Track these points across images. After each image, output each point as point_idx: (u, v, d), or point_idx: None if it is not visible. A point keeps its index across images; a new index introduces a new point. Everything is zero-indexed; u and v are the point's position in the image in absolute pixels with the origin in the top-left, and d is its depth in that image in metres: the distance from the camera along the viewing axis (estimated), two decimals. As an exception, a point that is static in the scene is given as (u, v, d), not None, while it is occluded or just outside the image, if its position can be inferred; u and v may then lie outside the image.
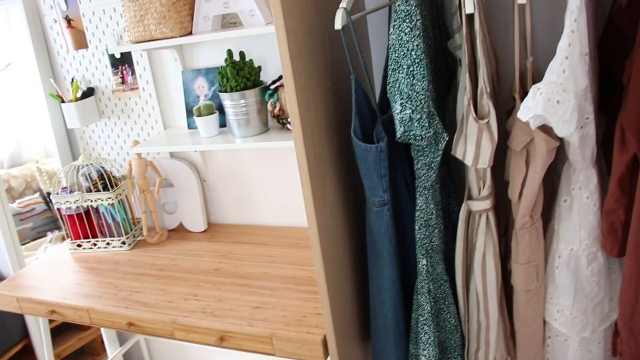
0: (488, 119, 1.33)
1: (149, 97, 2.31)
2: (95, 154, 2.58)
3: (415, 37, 1.24)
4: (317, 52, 1.41)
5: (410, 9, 1.24)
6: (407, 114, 1.28)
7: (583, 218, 1.43)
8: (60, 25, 2.40)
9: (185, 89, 2.17)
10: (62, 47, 2.45)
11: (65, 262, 2.33)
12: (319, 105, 1.43)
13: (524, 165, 1.40)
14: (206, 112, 2.00)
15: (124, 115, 2.42)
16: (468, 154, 1.36)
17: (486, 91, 1.32)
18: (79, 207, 2.33)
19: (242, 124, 1.90)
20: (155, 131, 2.37)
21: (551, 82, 1.18)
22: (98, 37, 2.33)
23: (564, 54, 1.18)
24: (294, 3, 1.30)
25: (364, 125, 1.41)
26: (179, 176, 2.34)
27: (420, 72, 1.25)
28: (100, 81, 2.41)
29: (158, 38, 1.91)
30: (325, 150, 1.47)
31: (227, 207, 2.39)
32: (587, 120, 1.33)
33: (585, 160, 1.39)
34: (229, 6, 1.81)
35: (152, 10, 1.87)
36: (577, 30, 1.19)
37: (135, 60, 2.28)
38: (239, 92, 1.85)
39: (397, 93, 1.28)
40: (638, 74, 1.23)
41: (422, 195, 1.44)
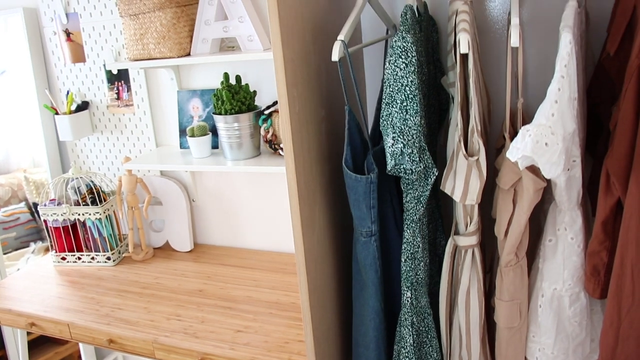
0: (478, 156, 1.35)
1: (143, 115, 2.33)
2: (85, 167, 2.57)
3: (410, 73, 1.26)
4: (312, 82, 1.43)
5: (406, 45, 1.26)
6: (398, 147, 1.30)
7: (567, 259, 1.45)
8: (60, 38, 2.42)
9: (180, 108, 2.18)
10: (59, 59, 2.46)
11: (48, 275, 2.32)
12: (312, 134, 1.44)
13: (511, 203, 1.42)
14: (199, 133, 2.01)
15: (116, 130, 2.42)
16: (457, 190, 1.38)
17: (477, 129, 1.34)
18: (65, 220, 2.32)
19: (234, 147, 1.91)
20: (147, 149, 2.37)
21: (540, 124, 1.20)
22: (96, 52, 2.34)
23: (553, 97, 1.21)
24: (293, 33, 1.33)
25: (355, 156, 1.43)
26: (168, 195, 2.34)
27: (413, 108, 1.27)
28: (95, 95, 2.42)
29: (156, 57, 1.92)
30: (315, 178, 1.48)
31: (215, 228, 2.39)
32: (574, 162, 1.36)
33: (571, 202, 1.41)
34: (228, 30, 1.84)
35: (152, 29, 1.89)
36: (567, 75, 1.22)
37: (132, 77, 2.30)
38: (233, 115, 1.86)
39: (389, 127, 1.30)
40: (624, 121, 1.26)
41: (410, 228, 1.45)
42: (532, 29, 1.69)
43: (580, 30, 1.43)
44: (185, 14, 1.90)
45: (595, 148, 1.58)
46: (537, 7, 1.67)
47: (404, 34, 1.27)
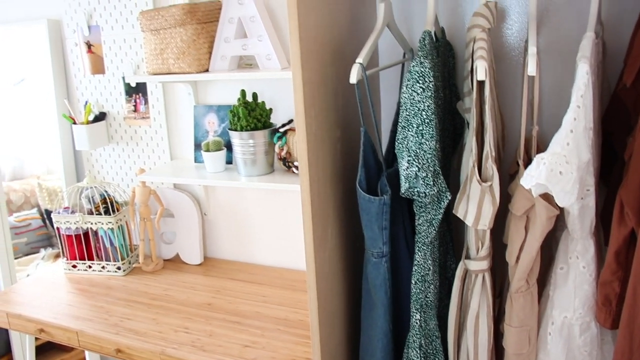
0: (491, 182, 1.35)
1: (159, 128, 2.35)
2: (100, 177, 2.60)
3: (426, 98, 1.28)
4: (329, 102, 1.45)
5: (424, 70, 1.28)
6: (413, 171, 1.31)
7: (578, 287, 1.45)
8: (81, 50, 2.46)
9: (196, 123, 2.21)
10: (79, 70, 2.50)
11: (58, 282, 2.34)
12: (327, 154, 1.46)
13: (524, 230, 1.43)
14: (214, 148, 2.03)
15: (132, 142, 2.45)
16: (469, 215, 1.39)
17: (491, 155, 1.35)
18: (78, 228, 2.34)
19: (248, 163, 1.93)
20: (162, 161, 2.40)
21: (555, 153, 1.21)
22: (116, 65, 2.38)
23: (569, 127, 1.22)
24: (312, 55, 1.35)
25: (369, 177, 1.44)
26: (181, 208, 2.36)
27: (429, 132, 1.29)
28: (112, 107, 2.45)
29: (175, 72, 1.95)
30: (329, 197, 1.49)
31: (225, 242, 2.40)
32: (587, 192, 1.36)
33: (584, 231, 1.42)
34: (247, 48, 1.86)
35: (172, 45, 1.92)
36: (583, 105, 1.23)
37: (149, 90, 2.33)
38: (248, 132, 1.88)
39: (404, 150, 1.32)
40: (639, 152, 1.26)
41: (421, 251, 1.46)
42: (548, 56, 1.70)
43: (597, 61, 1.44)
44: (206, 31, 1.93)
45: (609, 177, 1.58)
46: (553, 36, 1.69)
47: (421, 59, 1.29)
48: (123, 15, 2.30)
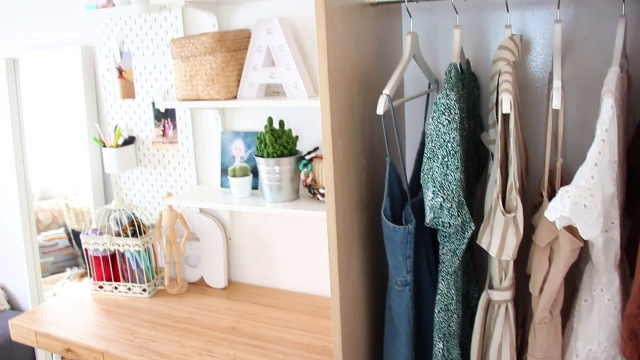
0: (515, 213, 1.37)
1: (187, 152, 2.40)
2: (127, 199, 2.65)
3: (452, 130, 1.30)
4: (356, 132, 1.48)
5: (449, 102, 1.31)
6: (438, 201, 1.33)
7: (603, 320, 1.44)
8: (112, 75, 2.53)
9: (223, 148, 2.25)
10: (110, 94, 2.56)
11: (84, 302, 2.38)
12: (353, 182, 1.48)
13: (547, 261, 1.43)
14: (241, 173, 2.07)
15: (160, 166, 2.50)
16: (493, 245, 1.40)
17: (515, 187, 1.36)
18: (105, 250, 2.39)
19: (274, 189, 1.96)
20: (189, 185, 2.44)
21: (579, 186, 1.22)
22: (146, 90, 2.44)
23: (593, 160, 1.23)
24: (340, 85, 1.38)
25: (394, 206, 1.46)
26: (206, 232, 2.40)
27: (454, 163, 1.31)
28: (142, 131, 2.51)
29: (204, 99, 2.00)
30: (354, 225, 1.51)
31: (249, 267, 2.42)
32: (612, 224, 1.37)
33: (609, 263, 1.42)
34: (274, 77, 1.91)
35: (202, 72, 1.98)
36: (608, 139, 1.24)
37: (178, 115, 2.38)
38: (274, 159, 1.92)
39: (430, 180, 1.34)
40: (665, 186, 1.27)
41: (444, 280, 1.47)
42: (571, 89, 1.72)
43: (622, 94, 1.45)
44: (235, 59, 1.98)
45: (635, 210, 1.58)
46: (577, 68, 1.71)
47: (447, 91, 1.32)
48: (154, 42, 2.36)
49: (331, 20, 1.33)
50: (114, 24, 2.45)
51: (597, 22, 1.67)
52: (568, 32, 1.70)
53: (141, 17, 2.36)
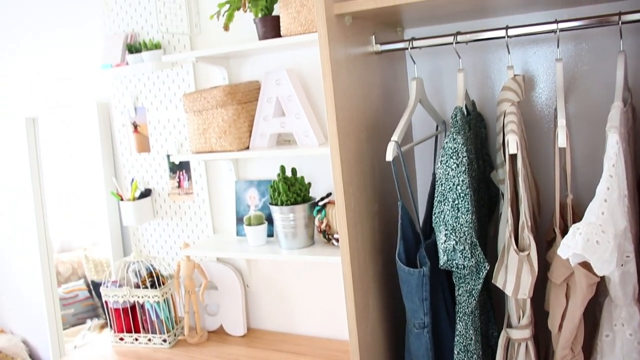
0: (529, 251, 1.38)
1: (202, 203, 2.44)
2: (145, 250, 2.69)
3: (461, 173, 1.33)
4: (367, 179, 1.51)
5: (457, 146, 1.33)
6: (450, 244, 1.35)
7: (627, 356, 1.43)
8: (127, 130, 2.60)
9: (237, 197, 2.29)
10: (126, 149, 2.63)
11: (106, 354, 2.39)
12: (366, 227, 1.51)
13: (564, 298, 1.43)
14: (256, 222, 2.10)
15: (176, 217, 2.54)
16: (508, 284, 1.40)
17: (527, 225, 1.38)
18: (125, 302, 2.41)
19: (289, 236, 1.98)
20: (205, 235, 2.47)
21: (590, 223, 1.23)
22: (160, 143, 2.50)
23: (602, 196, 1.24)
24: (348, 134, 1.42)
25: (408, 249, 1.48)
26: (224, 280, 2.42)
27: (464, 206, 1.33)
28: (157, 183, 2.56)
29: (217, 150, 2.05)
30: (369, 270, 1.53)
31: (268, 313, 2.43)
32: (627, 258, 1.37)
33: (627, 297, 1.41)
34: (285, 126, 1.95)
35: (214, 125, 2.03)
36: (615, 175, 1.25)
37: (192, 167, 2.43)
38: (288, 206, 1.95)
39: (442, 224, 1.36)
40: (676, 218, 1.28)
41: (462, 321, 1.47)
42: (579, 123, 1.74)
43: (627, 127, 1.47)
44: (245, 111, 2.03)
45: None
46: (583, 102, 1.73)
47: (454, 135, 1.35)
48: (167, 97, 2.43)
49: (337, 71, 1.38)
50: (128, 81, 2.53)
51: (599, 57, 1.70)
52: (571, 68, 1.74)
53: (154, 73, 2.44)
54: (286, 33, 1.86)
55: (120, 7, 2.48)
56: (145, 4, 2.40)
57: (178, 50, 2.36)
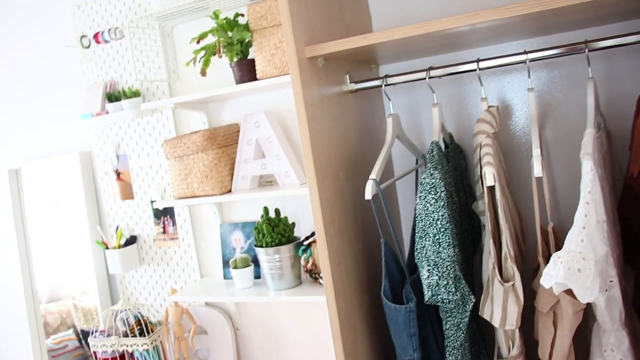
0: (513, 281, 1.38)
1: (188, 247, 2.43)
2: (133, 298, 2.66)
3: (440, 208, 1.33)
4: (348, 217, 1.51)
5: (434, 181, 1.34)
6: (434, 279, 1.34)
7: (617, 381, 1.42)
8: (110, 178, 2.59)
9: (223, 241, 2.28)
10: (110, 197, 2.62)
11: (97, 409, 2.34)
12: (350, 266, 1.50)
13: (552, 326, 1.43)
14: (242, 264, 2.09)
15: (163, 263, 2.53)
16: (495, 316, 1.40)
17: (510, 255, 1.38)
18: (114, 351, 2.38)
19: (276, 277, 1.97)
20: (192, 279, 2.45)
21: (570, 251, 1.24)
22: (144, 190, 2.50)
23: (580, 224, 1.25)
24: (327, 174, 1.43)
25: (394, 286, 1.48)
26: (213, 324, 2.39)
27: (445, 240, 1.33)
28: (142, 230, 2.55)
29: (200, 195, 2.05)
30: (356, 308, 1.52)
31: (259, 355, 2.40)
32: (611, 283, 1.37)
33: (614, 322, 1.41)
34: (266, 167, 1.96)
35: (195, 170, 2.03)
36: (592, 201, 1.27)
37: (176, 212, 2.43)
38: (273, 248, 1.94)
39: (424, 259, 1.36)
40: (655, 241, 1.29)
41: (452, 355, 1.46)
42: (557, 149, 1.76)
43: (603, 152, 1.49)
44: (226, 154, 2.04)
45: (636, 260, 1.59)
46: (560, 128, 1.76)
47: (431, 170, 1.36)
48: (148, 143, 2.44)
49: (311, 113, 1.39)
50: (109, 129, 2.54)
51: (572, 84, 1.74)
52: (545, 95, 1.76)
53: (134, 120, 2.45)
54: (262, 76, 1.88)
55: (99, 57, 2.50)
56: (123, 53, 2.43)
57: (157, 97, 2.38)
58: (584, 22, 1.55)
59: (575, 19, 1.46)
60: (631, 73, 1.66)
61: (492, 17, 1.27)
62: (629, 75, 1.66)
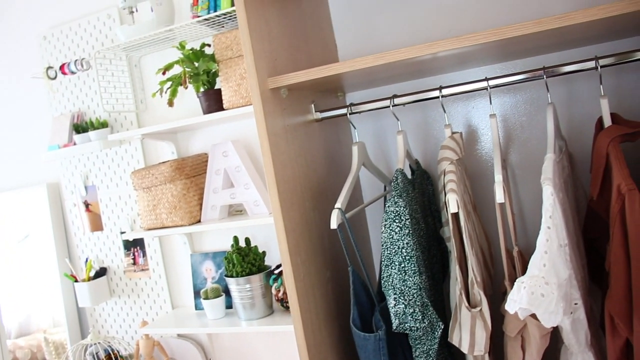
0: (480, 307, 1.38)
1: (159, 278, 2.40)
2: (104, 331, 2.61)
3: (405, 236, 1.34)
4: (316, 246, 1.51)
5: (399, 209, 1.35)
6: (400, 308, 1.34)
7: (587, 403, 1.43)
8: (79, 209, 2.56)
9: (194, 271, 2.26)
10: (79, 228, 2.58)
11: None
12: (319, 296, 1.50)
13: (520, 350, 1.43)
14: (213, 295, 2.07)
15: (133, 294, 2.49)
16: (464, 342, 1.40)
17: (476, 281, 1.39)
18: (85, 388, 2.32)
19: (247, 307, 1.96)
20: (164, 310, 2.42)
21: (533, 275, 1.25)
22: (113, 221, 2.47)
23: (542, 249, 1.26)
24: (293, 204, 1.43)
25: (363, 314, 1.47)
26: (186, 356, 2.36)
27: (411, 268, 1.34)
28: (112, 261, 2.52)
29: (169, 226, 2.03)
30: (325, 337, 1.51)
31: (233, 386, 2.37)
32: (575, 305, 1.38)
33: (580, 344, 1.42)
34: (235, 197, 1.96)
35: (164, 200, 2.02)
36: (553, 225, 1.28)
37: (147, 243, 2.40)
38: (244, 277, 1.93)
39: (390, 288, 1.36)
40: (616, 264, 1.30)
41: (423, 383, 1.45)
42: (523, 172, 1.79)
43: (564, 176, 1.51)
44: (195, 184, 2.03)
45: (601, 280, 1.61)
46: (525, 151, 1.79)
47: (396, 199, 1.37)
48: (117, 174, 2.42)
49: (275, 144, 1.39)
50: (77, 161, 2.51)
51: (535, 108, 1.77)
52: (510, 119, 1.80)
53: (102, 151, 2.43)
54: (229, 106, 1.89)
55: (66, 88, 2.48)
56: (90, 84, 2.41)
57: (125, 127, 2.37)
58: (545, 48, 1.59)
59: (534, 46, 1.49)
60: (592, 96, 1.69)
61: (450, 47, 1.29)
62: (589, 98, 1.70)
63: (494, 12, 1.77)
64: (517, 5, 1.75)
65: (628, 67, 1.65)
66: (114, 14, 2.33)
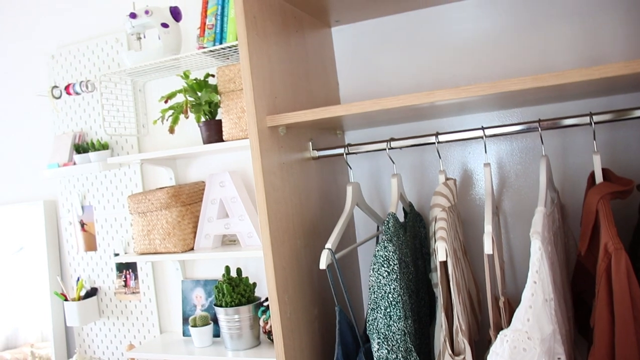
0: (464, 355, 1.39)
1: (149, 302, 2.41)
2: (90, 351, 2.60)
3: (392, 281, 1.35)
4: (304, 284, 1.52)
5: (388, 254, 1.36)
6: (383, 353, 1.35)
7: None
8: (75, 228, 2.57)
9: (184, 297, 2.27)
10: (73, 247, 2.59)
11: None
12: (305, 334, 1.50)
13: (503, 400, 1.43)
14: (201, 323, 2.08)
15: (122, 316, 2.49)
16: (446, 389, 1.40)
17: (461, 329, 1.40)
18: (66, 410, 2.31)
19: (234, 337, 1.96)
20: (152, 335, 2.42)
21: (517, 329, 1.26)
22: (107, 242, 2.48)
23: (527, 303, 1.27)
24: (284, 241, 1.44)
25: (348, 354, 1.47)
26: (171, 381, 2.35)
27: (397, 313, 1.34)
28: (104, 282, 2.52)
29: (162, 252, 2.04)
30: (309, 377, 1.51)
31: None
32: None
33: (563, 398, 1.42)
34: (229, 227, 1.97)
35: (158, 227, 2.03)
36: (539, 280, 1.29)
37: (139, 266, 2.41)
38: (233, 308, 1.94)
39: (374, 332, 1.36)
40: (600, 321, 1.31)
41: None
42: (515, 220, 1.81)
43: (555, 228, 1.53)
44: (190, 212, 2.05)
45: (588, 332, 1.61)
46: (518, 199, 1.80)
47: (385, 243, 1.38)
48: (114, 196, 2.44)
49: (270, 182, 1.41)
50: (75, 180, 2.54)
51: (530, 157, 1.79)
52: (505, 167, 1.82)
53: (102, 172, 2.45)
54: (228, 137, 1.91)
55: (70, 107, 2.52)
56: (94, 105, 2.45)
57: (126, 150, 2.39)
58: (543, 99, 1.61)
59: (532, 98, 1.52)
60: (586, 148, 1.72)
61: (448, 97, 1.32)
62: (584, 150, 1.72)
63: (497, 56, 1.80)
64: (519, 52, 1.77)
65: (623, 123, 1.68)
66: (122, 39, 2.37)
